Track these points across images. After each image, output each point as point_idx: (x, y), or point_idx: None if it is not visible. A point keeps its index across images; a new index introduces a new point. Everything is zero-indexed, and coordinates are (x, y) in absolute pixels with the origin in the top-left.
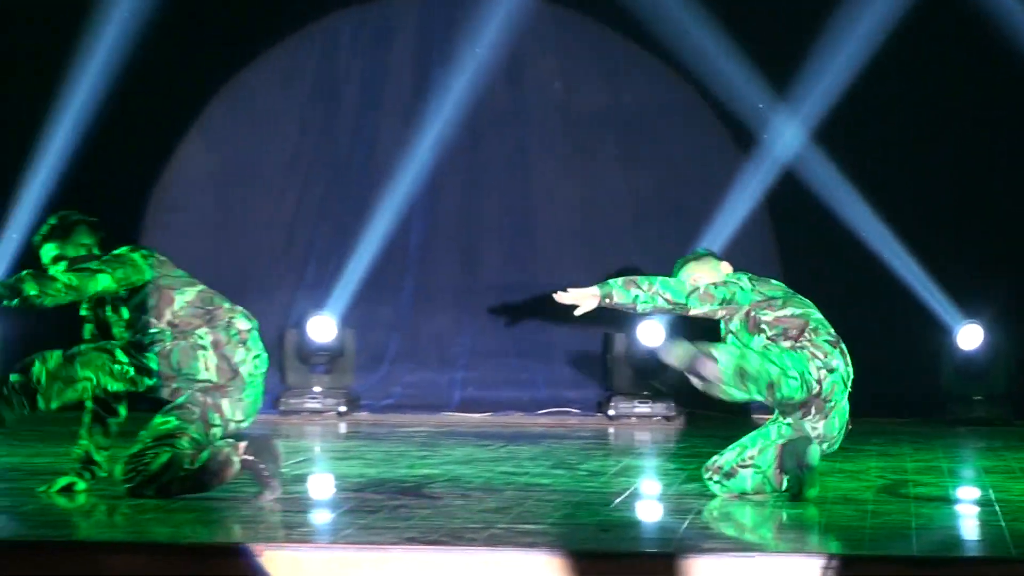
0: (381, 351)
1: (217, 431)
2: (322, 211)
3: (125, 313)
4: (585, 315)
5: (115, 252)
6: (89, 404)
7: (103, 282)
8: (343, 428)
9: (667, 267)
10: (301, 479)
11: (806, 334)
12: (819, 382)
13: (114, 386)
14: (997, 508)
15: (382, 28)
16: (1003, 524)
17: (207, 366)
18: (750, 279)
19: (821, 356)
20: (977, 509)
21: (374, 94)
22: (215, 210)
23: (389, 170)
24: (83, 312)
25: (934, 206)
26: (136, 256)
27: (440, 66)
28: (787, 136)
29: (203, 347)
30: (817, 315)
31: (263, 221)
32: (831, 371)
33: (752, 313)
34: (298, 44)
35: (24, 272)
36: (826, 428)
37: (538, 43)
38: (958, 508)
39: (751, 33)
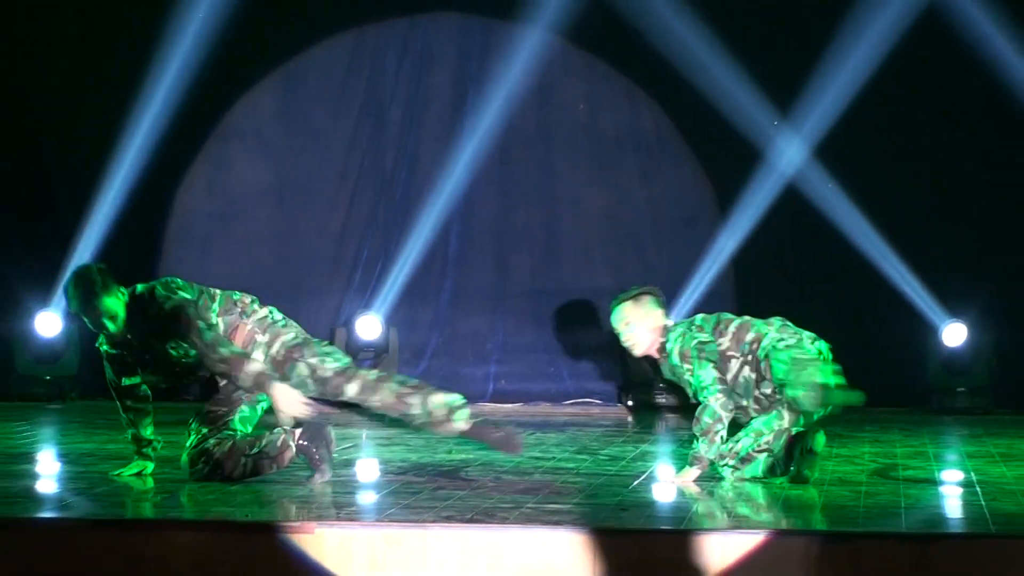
0: (422, 348)
1: None
2: (369, 222)
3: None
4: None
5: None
6: (118, 404)
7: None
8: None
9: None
10: (350, 463)
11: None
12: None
13: None
14: (978, 489)
15: (424, 55)
16: (983, 504)
17: None
18: (701, 325)
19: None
20: (960, 490)
21: (416, 115)
22: (272, 220)
23: (429, 184)
24: None
25: (922, 218)
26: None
27: (475, 89)
28: (790, 152)
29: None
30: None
31: (316, 231)
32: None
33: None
34: (348, 70)
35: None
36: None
37: (564, 69)
38: (943, 489)
39: (757, 60)
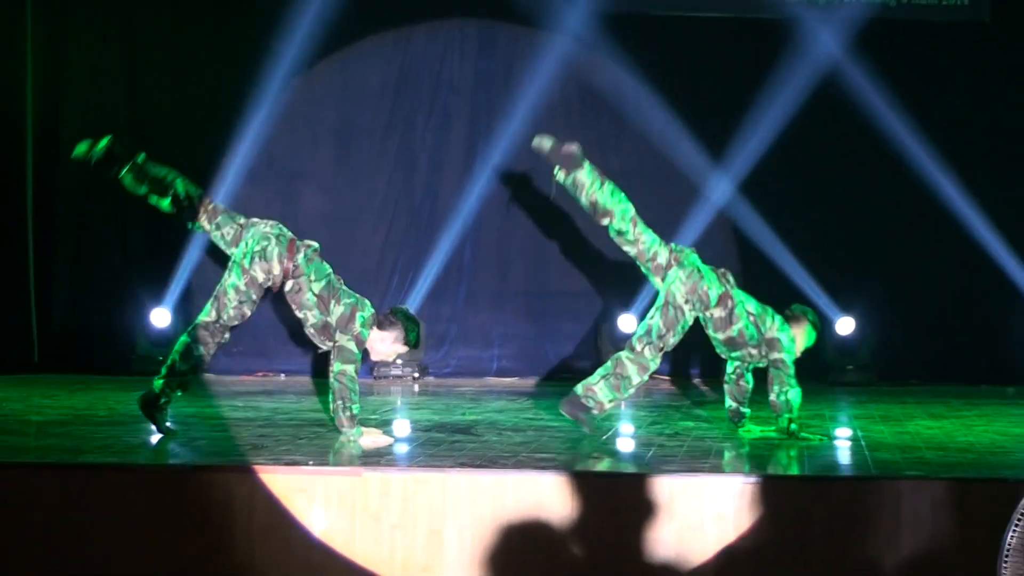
0: (443, 336)
1: None
2: (403, 241)
3: None
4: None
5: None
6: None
7: None
8: (416, 388)
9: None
10: (388, 423)
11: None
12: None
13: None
14: (863, 443)
15: (444, 114)
16: (867, 454)
17: None
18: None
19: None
20: (849, 443)
21: (438, 161)
22: (327, 239)
23: (448, 214)
24: None
25: (821, 235)
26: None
27: (484, 142)
28: (720, 187)
29: None
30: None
31: (361, 247)
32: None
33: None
34: (387, 128)
35: None
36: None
37: (551, 120)
38: (836, 443)
39: (697, 115)
